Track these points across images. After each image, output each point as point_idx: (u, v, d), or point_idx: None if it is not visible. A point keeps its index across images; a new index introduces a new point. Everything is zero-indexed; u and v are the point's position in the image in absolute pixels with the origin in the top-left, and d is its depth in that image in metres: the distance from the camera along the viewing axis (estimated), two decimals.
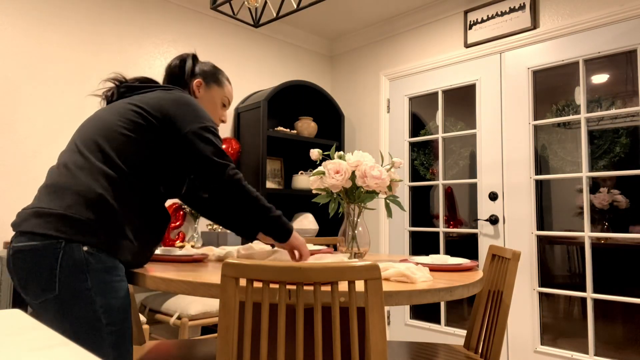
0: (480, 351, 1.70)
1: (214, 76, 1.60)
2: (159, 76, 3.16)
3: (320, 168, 1.67)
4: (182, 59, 1.57)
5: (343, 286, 1.02)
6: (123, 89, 1.42)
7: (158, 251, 1.63)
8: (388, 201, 1.70)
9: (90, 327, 1.15)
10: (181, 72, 1.56)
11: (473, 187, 3.22)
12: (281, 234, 1.37)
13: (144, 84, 1.42)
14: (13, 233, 2.53)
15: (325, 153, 1.76)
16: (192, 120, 1.31)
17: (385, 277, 1.19)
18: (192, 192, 1.67)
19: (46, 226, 1.15)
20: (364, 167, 1.57)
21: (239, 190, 1.30)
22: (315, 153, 1.75)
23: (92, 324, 1.15)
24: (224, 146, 3.29)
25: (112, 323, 1.18)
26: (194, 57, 1.60)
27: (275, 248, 1.58)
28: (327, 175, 1.60)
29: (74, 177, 1.21)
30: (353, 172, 1.61)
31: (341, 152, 1.69)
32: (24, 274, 1.15)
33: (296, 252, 1.42)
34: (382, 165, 1.64)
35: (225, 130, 3.51)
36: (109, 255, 1.20)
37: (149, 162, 1.29)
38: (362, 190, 1.64)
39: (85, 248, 1.16)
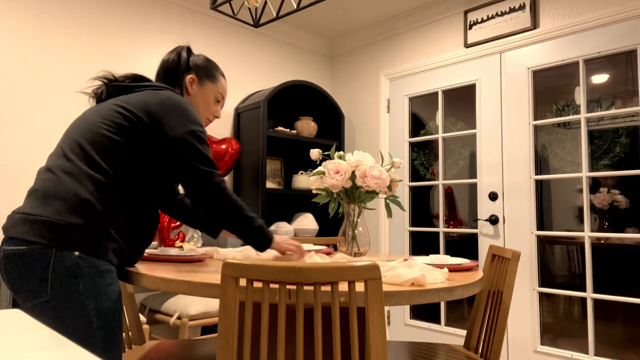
0: (480, 351, 1.70)
1: (207, 71, 1.55)
2: None
3: (320, 168, 1.67)
4: (178, 53, 1.52)
5: (343, 286, 1.02)
6: (112, 88, 1.39)
7: (157, 251, 1.63)
8: (388, 201, 1.70)
9: (83, 331, 1.15)
10: (176, 66, 1.51)
11: (473, 187, 3.22)
12: (261, 244, 1.37)
13: (134, 83, 1.39)
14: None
15: (325, 153, 1.76)
16: (178, 124, 1.28)
17: (400, 283, 1.15)
18: (167, 197, 1.65)
19: (35, 233, 1.15)
20: (364, 167, 1.57)
21: (222, 198, 1.29)
22: (315, 153, 1.75)
23: (85, 328, 1.15)
24: (223, 146, 3.29)
25: (103, 326, 1.18)
26: (188, 50, 1.55)
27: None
28: (327, 175, 1.60)
29: (60, 182, 1.20)
30: (353, 172, 1.61)
31: (341, 152, 1.69)
32: (16, 278, 1.16)
33: (289, 253, 1.42)
34: (382, 165, 1.64)
35: (225, 130, 3.51)
36: (99, 258, 1.20)
37: (135, 164, 1.28)
38: (362, 190, 1.64)
39: (76, 253, 1.17)
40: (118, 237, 1.25)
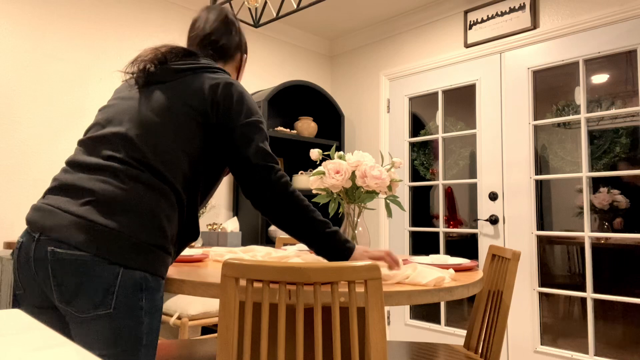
0: (480, 351, 1.70)
1: (246, 47, 1.43)
2: None
3: (320, 168, 1.67)
4: (237, 31, 1.37)
5: (343, 286, 1.02)
6: (163, 71, 1.22)
7: None
8: (388, 201, 1.70)
9: (132, 348, 1.07)
10: (236, 44, 1.37)
11: (473, 187, 3.22)
12: (336, 255, 1.14)
13: (187, 64, 1.22)
14: (13, 231, 2.53)
15: (325, 153, 1.76)
16: (237, 113, 1.17)
17: (425, 284, 1.13)
18: None
19: (100, 246, 1.03)
20: (364, 167, 1.57)
21: (283, 197, 1.15)
22: (315, 153, 1.75)
23: (135, 345, 1.07)
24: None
25: (149, 344, 1.11)
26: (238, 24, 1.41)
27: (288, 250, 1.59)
28: (327, 175, 1.60)
29: (129, 191, 1.08)
30: (353, 172, 1.61)
31: (341, 152, 1.69)
32: (72, 287, 1.03)
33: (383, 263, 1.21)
34: (382, 165, 1.64)
35: None
36: (160, 274, 1.14)
37: (197, 177, 1.18)
38: (362, 190, 1.64)
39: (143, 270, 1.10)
40: (174, 253, 1.19)
